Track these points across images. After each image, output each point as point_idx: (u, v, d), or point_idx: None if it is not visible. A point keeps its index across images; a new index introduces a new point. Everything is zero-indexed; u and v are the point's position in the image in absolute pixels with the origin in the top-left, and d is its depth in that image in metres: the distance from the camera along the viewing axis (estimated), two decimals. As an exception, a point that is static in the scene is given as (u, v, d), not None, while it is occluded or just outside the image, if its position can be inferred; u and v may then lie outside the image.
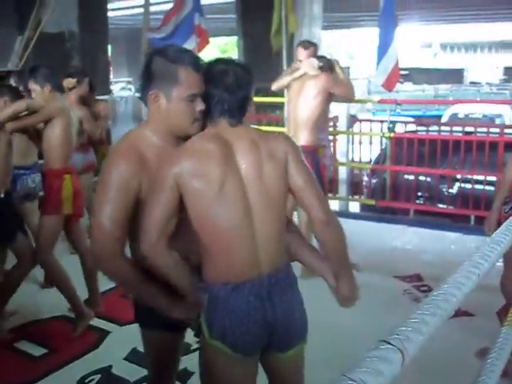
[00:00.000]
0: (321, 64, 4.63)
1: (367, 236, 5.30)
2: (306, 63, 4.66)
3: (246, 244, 1.92)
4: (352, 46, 42.33)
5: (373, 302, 4.16)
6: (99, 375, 3.32)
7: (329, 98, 4.63)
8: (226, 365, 1.99)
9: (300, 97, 4.64)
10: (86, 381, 3.28)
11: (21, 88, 4.60)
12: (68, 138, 3.84)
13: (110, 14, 12.64)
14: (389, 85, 6.56)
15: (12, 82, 5.48)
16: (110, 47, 11.48)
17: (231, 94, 1.97)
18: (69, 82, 5.21)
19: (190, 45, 7.49)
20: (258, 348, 2.03)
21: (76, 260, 4.13)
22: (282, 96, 7.51)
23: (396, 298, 4.26)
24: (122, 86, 24.90)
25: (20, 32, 7.72)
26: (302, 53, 4.72)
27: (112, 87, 11.01)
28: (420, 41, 43.90)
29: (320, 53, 4.87)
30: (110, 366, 3.38)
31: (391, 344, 0.96)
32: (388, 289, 4.44)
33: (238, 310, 1.93)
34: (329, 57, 4.84)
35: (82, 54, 8.85)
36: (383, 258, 5.03)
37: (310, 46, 4.77)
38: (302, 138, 4.51)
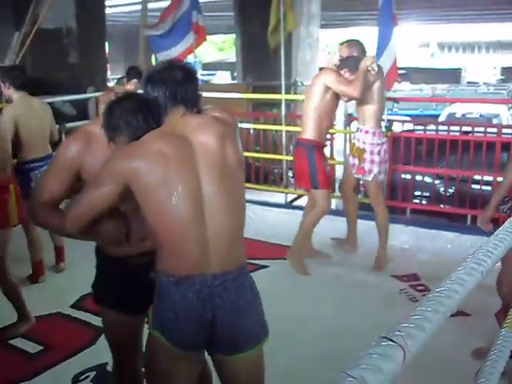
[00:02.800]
0: (333, 61, 4.84)
1: (364, 235, 5.29)
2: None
3: (194, 242, 1.94)
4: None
5: (369, 301, 4.17)
6: (94, 372, 3.31)
7: (331, 93, 4.67)
8: (164, 356, 2.02)
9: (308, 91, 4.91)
10: (82, 377, 3.28)
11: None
12: None
13: (107, 10, 12.61)
14: (387, 84, 6.54)
15: None
16: (107, 44, 11.44)
17: (182, 85, 2.03)
18: (137, 84, 5.50)
19: (187, 42, 7.49)
20: (196, 346, 2.03)
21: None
22: (279, 93, 7.52)
23: (392, 297, 4.26)
24: (119, 83, 24.84)
25: (17, 28, 7.69)
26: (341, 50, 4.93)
27: (109, 84, 10.97)
28: (418, 40, 43.91)
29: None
30: (106, 363, 3.37)
31: (392, 341, 0.95)
32: (385, 288, 4.44)
33: (177, 304, 1.95)
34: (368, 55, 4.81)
35: (79, 50, 8.83)
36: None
37: (346, 43, 4.94)
38: (302, 130, 4.78)
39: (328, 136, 6.09)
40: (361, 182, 5.29)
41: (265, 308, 4.18)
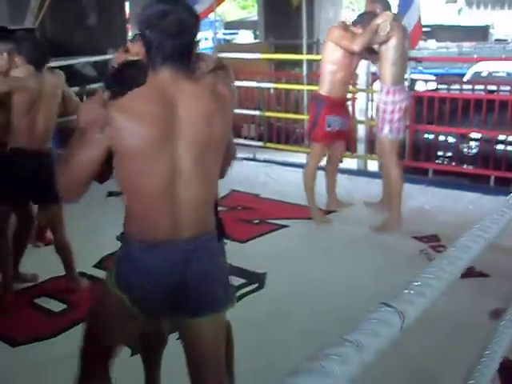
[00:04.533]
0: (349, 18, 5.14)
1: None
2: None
3: (167, 207, 1.89)
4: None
5: (388, 261, 4.19)
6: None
7: (341, 50, 4.78)
8: (114, 308, 2.00)
9: None
10: (104, 335, 3.34)
11: None
12: None
13: (127, -31, 12.46)
14: (411, 42, 6.42)
15: None
16: (128, 4, 11.34)
17: (172, 38, 1.83)
18: None
19: (208, 1, 7.39)
20: (160, 311, 2.01)
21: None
22: (301, 53, 7.43)
23: (412, 258, 4.26)
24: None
25: (35, -11, 7.64)
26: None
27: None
28: (445, -4, 42.82)
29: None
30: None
31: (391, 306, 0.97)
32: (405, 249, 4.44)
33: (149, 269, 1.92)
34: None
35: (98, 11, 8.75)
36: (401, 217, 4.99)
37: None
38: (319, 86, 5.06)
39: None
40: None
41: (284, 267, 4.24)
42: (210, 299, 2.02)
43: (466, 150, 6.40)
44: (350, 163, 6.50)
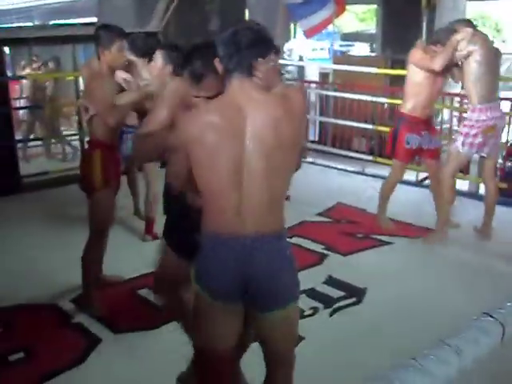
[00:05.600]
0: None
1: (496, 221, 5.05)
2: None
3: (230, 205, 2.05)
4: (501, 17, 39.73)
5: (491, 287, 3.99)
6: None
7: (419, 71, 4.77)
8: (204, 308, 2.18)
9: None
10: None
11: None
12: None
13: (250, -23, 12.68)
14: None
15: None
16: (248, 11, 11.56)
17: (241, 50, 2.07)
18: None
19: (327, 11, 7.45)
20: (233, 298, 2.13)
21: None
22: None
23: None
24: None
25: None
26: None
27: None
28: None
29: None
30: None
31: (492, 316, 0.96)
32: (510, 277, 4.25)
33: (218, 260, 2.09)
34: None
35: (220, 18, 8.95)
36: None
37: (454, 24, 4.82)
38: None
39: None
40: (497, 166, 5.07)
41: (383, 283, 4.19)
42: (278, 295, 2.15)
43: None
44: (461, 185, 6.31)
